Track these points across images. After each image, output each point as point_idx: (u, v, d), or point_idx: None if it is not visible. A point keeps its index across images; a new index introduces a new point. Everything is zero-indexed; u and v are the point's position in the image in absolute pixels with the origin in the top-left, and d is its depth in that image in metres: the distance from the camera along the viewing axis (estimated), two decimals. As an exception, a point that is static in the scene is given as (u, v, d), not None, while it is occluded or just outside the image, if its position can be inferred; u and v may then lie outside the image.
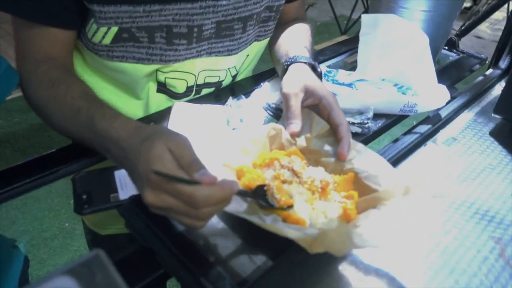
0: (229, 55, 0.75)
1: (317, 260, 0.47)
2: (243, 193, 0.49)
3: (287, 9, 0.83)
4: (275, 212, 0.49)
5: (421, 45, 0.78)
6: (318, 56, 1.01)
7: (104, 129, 0.51)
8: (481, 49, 4.00)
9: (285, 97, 0.63)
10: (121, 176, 0.59)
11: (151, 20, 0.63)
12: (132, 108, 0.78)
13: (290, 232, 0.43)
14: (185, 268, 0.45)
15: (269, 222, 0.45)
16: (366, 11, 3.95)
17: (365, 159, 0.57)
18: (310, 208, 0.50)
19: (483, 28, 4.58)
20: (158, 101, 0.77)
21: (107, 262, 0.32)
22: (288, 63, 0.69)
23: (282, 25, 0.84)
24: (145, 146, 0.45)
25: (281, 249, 0.48)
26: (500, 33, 1.06)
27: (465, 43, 1.15)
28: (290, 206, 0.49)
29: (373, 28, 0.81)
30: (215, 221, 0.51)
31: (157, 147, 0.44)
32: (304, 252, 0.44)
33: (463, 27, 1.18)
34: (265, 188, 0.50)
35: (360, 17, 3.94)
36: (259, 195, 0.49)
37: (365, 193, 0.54)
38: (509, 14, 4.01)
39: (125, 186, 0.57)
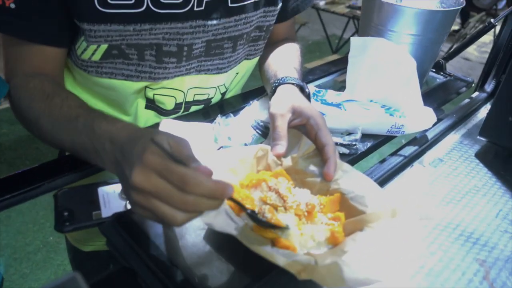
0: (218, 73, 0.75)
1: (304, 283, 0.47)
2: (236, 202, 0.47)
3: (277, 29, 0.84)
4: (269, 234, 0.48)
5: (408, 69, 0.79)
6: (308, 75, 1.02)
7: (105, 129, 0.50)
8: (469, 70, 4.08)
9: (272, 117, 0.63)
10: (105, 193, 0.58)
11: (141, 39, 0.63)
12: None
13: (278, 258, 0.43)
14: (167, 290, 0.44)
15: (258, 245, 0.45)
16: (357, 31, 4.02)
17: (351, 179, 0.57)
18: (299, 234, 0.49)
19: (471, 50, 4.70)
20: (146, 117, 0.77)
21: (83, 285, 0.32)
22: (277, 84, 0.70)
23: (272, 44, 0.85)
24: (147, 133, 0.45)
25: (267, 270, 0.48)
26: (486, 55, 1.08)
27: (453, 64, 1.17)
28: (284, 228, 0.48)
29: (362, 51, 0.83)
30: (199, 242, 0.50)
31: (158, 136, 0.43)
32: (290, 275, 0.43)
33: (451, 50, 1.20)
34: (257, 210, 0.49)
35: (351, 36, 4.02)
36: (250, 214, 0.49)
37: (351, 214, 0.53)
38: (495, 38, 4.11)
39: (108, 204, 0.56)
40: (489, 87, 1.08)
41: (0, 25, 0.59)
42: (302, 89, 0.70)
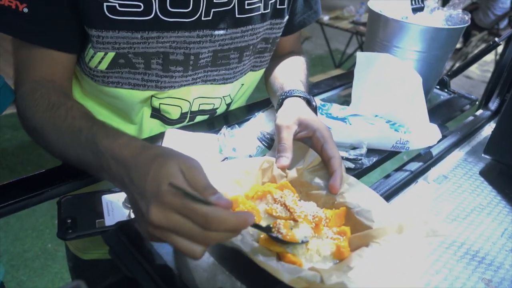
0: (224, 83, 0.76)
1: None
2: (256, 226, 0.48)
3: (283, 42, 0.85)
4: (275, 248, 0.47)
5: (414, 85, 0.79)
6: (312, 89, 1.02)
7: (106, 146, 0.49)
8: (471, 88, 4.10)
9: (277, 129, 0.63)
10: (109, 201, 0.58)
11: (148, 47, 0.63)
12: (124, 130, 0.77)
13: (283, 275, 0.42)
14: (169, 301, 0.43)
15: (263, 259, 0.44)
16: (360, 46, 4.05)
17: (357, 193, 0.57)
18: (305, 249, 0.49)
19: (473, 68, 4.72)
20: (152, 127, 0.77)
21: (88, 294, 0.31)
22: (284, 97, 0.70)
23: (278, 57, 0.86)
24: (157, 163, 0.42)
25: (271, 284, 0.47)
26: (488, 74, 1.09)
27: (455, 82, 1.19)
28: (299, 243, 0.48)
29: (368, 66, 0.83)
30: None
31: (170, 165, 0.41)
32: (293, 289, 0.43)
33: (454, 68, 1.21)
34: (271, 225, 0.49)
35: (354, 52, 4.04)
36: (266, 230, 0.48)
37: (357, 229, 0.53)
38: (497, 57, 4.14)
39: (112, 212, 0.56)
40: (493, 105, 1.08)
41: (13, 29, 0.59)
42: (309, 102, 0.71)
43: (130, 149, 0.46)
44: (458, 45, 5.42)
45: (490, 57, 5.07)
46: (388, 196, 0.70)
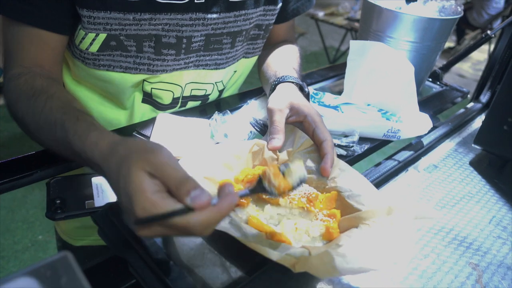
0: (216, 69, 0.75)
1: (296, 278, 0.46)
2: (247, 194, 0.46)
3: (277, 30, 0.85)
4: (265, 227, 0.47)
5: (406, 74, 0.80)
6: (305, 79, 1.02)
7: (79, 148, 0.47)
8: (463, 86, 4.13)
9: (269, 112, 0.63)
10: (98, 183, 0.58)
11: (140, 29, 0.63)
12: (116, 117, 0.77)
13: (272, 253, 0.42)
14: (158, 280, 0.43)
15: (252, 240, 0.44)
16: (355, 43, 4.06)
17: (348, 178, 0.57)
18: (294, 229, 0.49)
19: (466, 67, 4.77)
20: (143, 111, 0.76)
21: (74, 266, 0.31)
22: (276, 82, 0.70)
23: (271, 46, 0.86)
24: (122, 176, 0.39)
25: (259, 264, 0.47)
26: (480, 73, 1.10)
27: (448, 80, 1.19)
28: (291, 189, 0.46)
29: (361, 54, 0.83)
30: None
31: (135, 176, 0.38)
32: (282, 269, 0.43)
33: (448, 61, 1.21)
34: (261, 177, 0.46)
35: (348, 48, 4.06)
36: (257, 189, 0.47)
37: (347, 212, 0.53)
38: (489, 54, 4.17)
39: (102, 193, 0.56)
40: (484, 97, 1.09)
41: (3, 7, 0.58)
42: (301, 88, 0.71)
43: (99, 151, 0.45)
44: (452, 44, 5.46)
45: (483, 56, 5.11)
46: (378, 183, 0.71)
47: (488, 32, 1.05)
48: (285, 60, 0.80)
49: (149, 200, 0.37)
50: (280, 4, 0.77)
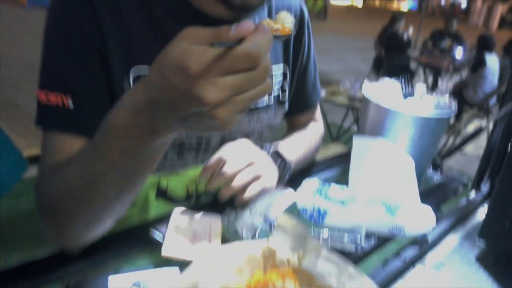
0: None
1: None
2: None
3: (296, 120, 0.93)
4: None
5: (407, 168, 0.84)
6: (312, 169, 1.07)
7: (105, 123, 0.49)
8: (465, 164, 4.18)
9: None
10: (116, 282, 0.59)
11: None
12: (127, 213, 0.80)
13: None
14: None
15: None
16: (356, 121, 4.20)
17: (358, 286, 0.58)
18: None
19: (467, 145, 4.85)
20: (156, 207, 0.80)
21: None
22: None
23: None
24: (161, 62, 0.39)
25: None
26: (482, 150, 1.14)
27: (450, 159, 1.24)
28: None
29: (364, 150, 0.89)
30: None
31: (175, 45, 0.38)
32: None
33: (448, 144, 1.27)
34: None
35: (350, 126, 4.15)
36: None
37: None
38: (488, 134, 4.28)
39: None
40: (485, 187, 1.12)
41: (61, 125, 0.63)
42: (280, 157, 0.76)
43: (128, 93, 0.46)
44: (451, 120, 5.62)
45: (482, 134, 5.22)
46: (387, 283, 0.71)
47: (482, 126, 1.12)
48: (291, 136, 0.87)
49: (198, 49, 0.37)
50: (287, 108, 0.85)
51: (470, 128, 5.39)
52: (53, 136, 0.65)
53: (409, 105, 1.04)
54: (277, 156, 0.78)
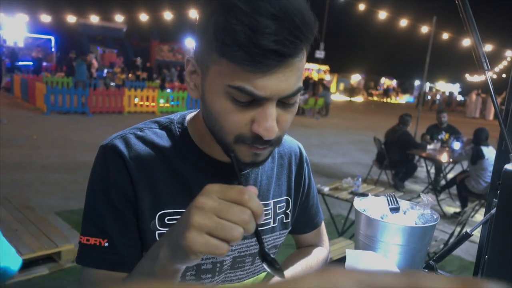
0: (238, 281, 0.91)
1: None
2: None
3: (303, 238, 1.04)
4: None
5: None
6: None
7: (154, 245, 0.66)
8: (470, 249, 4.13)
9: None
10: None
11: None
12: None
13: None
14: None
15: None
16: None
17: None
18: None
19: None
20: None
21: None
22: None
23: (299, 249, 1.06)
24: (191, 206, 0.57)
25: None
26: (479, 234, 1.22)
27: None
28: None
29: (357, 262, 0.99)
30: None
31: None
32: None
33: (454, 232, 1.35)
34: None
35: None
36: None
37: None
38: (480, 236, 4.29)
39: None
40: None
41: (97, 262, 0.76)
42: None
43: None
44: (457, 209, 5.64)
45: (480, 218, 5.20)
46: None
47: (468, 231, 1.22)
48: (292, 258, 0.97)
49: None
50: (290, 228, 0.98)
51: (477, 217, 5.41)
52: (90, 271, 0.77)
53: (396, 218, 1.16)
54: None
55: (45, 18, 16.43)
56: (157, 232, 0.78)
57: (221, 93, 0.69)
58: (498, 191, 1.00)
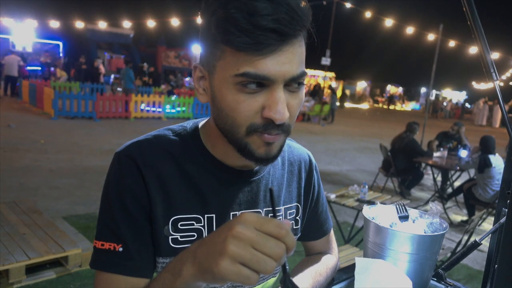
0: (248, 288, 0.91)
1: None
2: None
3: (312, 245, 1.05)
4: None
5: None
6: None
7: (174, 259, 0.65)
8: (480, 260, 4.09)
9: None
10: None
11: None
12: None
13: None
14: None
15: None
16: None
17: None
18: None
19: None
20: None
21: None
22: None
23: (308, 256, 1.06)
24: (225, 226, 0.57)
25: None
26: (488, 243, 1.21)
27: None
28: None
29: (366, 270, 0.99)
30: None
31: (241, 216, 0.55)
32: None
33: (462, 242, 1.34)
34: None
35: (362, 227, 4.22)
36: None
37: None
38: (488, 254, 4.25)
39: None
40: (489, 300, 1.17)
41: (110, 267, 0.77)
42: None
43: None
44: (465, 217, 5.61)
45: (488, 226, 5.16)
46: None
47: (477, 239, 1.21)
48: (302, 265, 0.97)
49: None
50: (299, 235, 0.98)
51: (485, 226, 5.36)
52: (104, 276, 0.79)
53: (405, 226, 1.16)
54: None
55: (54, 23, 16.64)
56: (170, 237, 0.79)
57: (230, 85, 0.72)
58: (508, 201, 1.00)
